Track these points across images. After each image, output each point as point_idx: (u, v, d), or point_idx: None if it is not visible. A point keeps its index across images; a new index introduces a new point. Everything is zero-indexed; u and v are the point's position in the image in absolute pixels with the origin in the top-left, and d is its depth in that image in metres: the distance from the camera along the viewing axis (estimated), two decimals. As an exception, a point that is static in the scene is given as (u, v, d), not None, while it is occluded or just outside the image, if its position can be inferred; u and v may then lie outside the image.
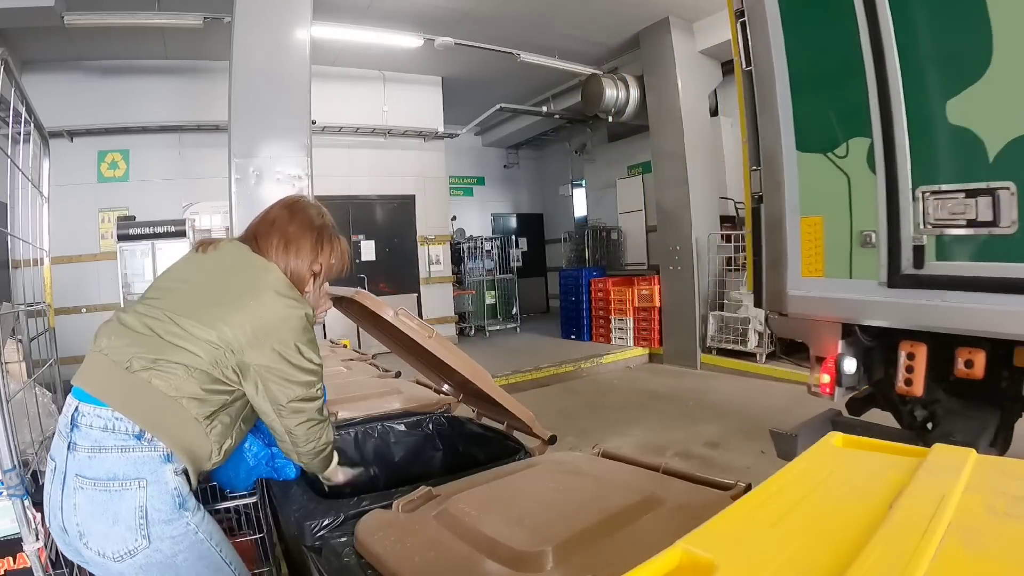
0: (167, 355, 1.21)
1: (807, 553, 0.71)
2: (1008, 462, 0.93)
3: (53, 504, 1.18)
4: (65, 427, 1.19)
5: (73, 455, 1.16)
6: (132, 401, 1.19)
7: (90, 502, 1.14)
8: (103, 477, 1.15)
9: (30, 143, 2.20)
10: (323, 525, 1.42)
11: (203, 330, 1.23)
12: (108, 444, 1.16)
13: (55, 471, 1.19)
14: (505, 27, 6.71)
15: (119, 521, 1.15)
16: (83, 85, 6.67)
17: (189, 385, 1.21)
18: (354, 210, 8.16)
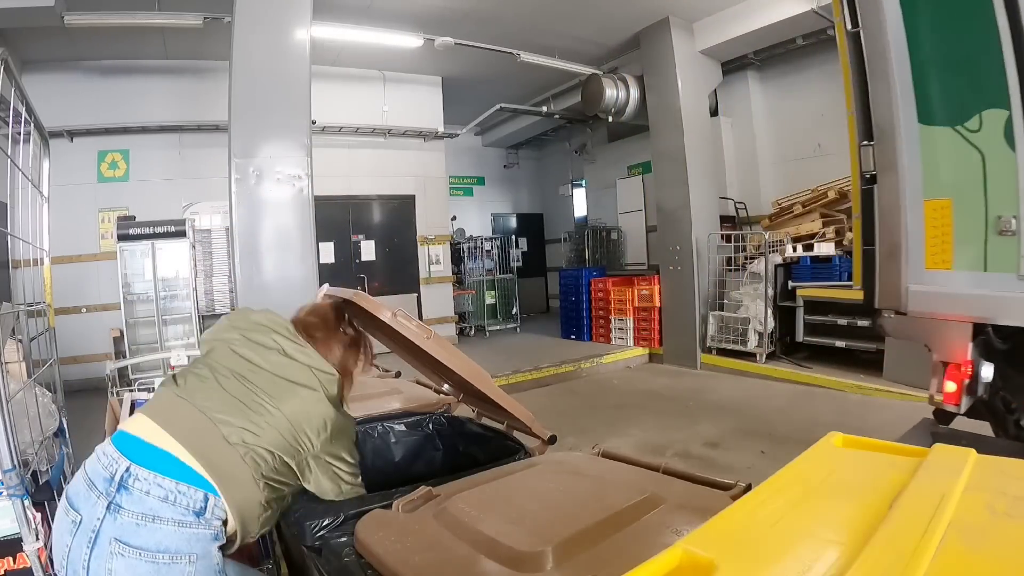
0: (257, 432, 1.24)
1: (807, 553, 0.71)
2: (1008, 462, 0.93)
3: (74, 561, 1.10)
4: (105, 484, 1.13)
5: (114, 517, 1.10)
6: (194, 441, 1.18)
7: (131, 570, 1.09)
8: (152, 548, 1.10)
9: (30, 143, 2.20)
10: (323, 525, 1.42)
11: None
12: (164, 515, 1.12)
13: (79, 525, 1.11)
14: (505, 27, 6.71)
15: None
16: (83, 85, 6.67)
17: (268, 470, 1.24)
18: (354, 210, 8.16)
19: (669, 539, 1.03)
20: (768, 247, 6.13)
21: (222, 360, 1.33)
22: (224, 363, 1.32)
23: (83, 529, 1.11)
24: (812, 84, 7.34)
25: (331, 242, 7.89)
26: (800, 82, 7.47)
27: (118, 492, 1.12)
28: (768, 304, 6.17)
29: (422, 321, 8.42)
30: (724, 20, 6.72)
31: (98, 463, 1.17)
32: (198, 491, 1.15)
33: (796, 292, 6.17)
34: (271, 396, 1.28)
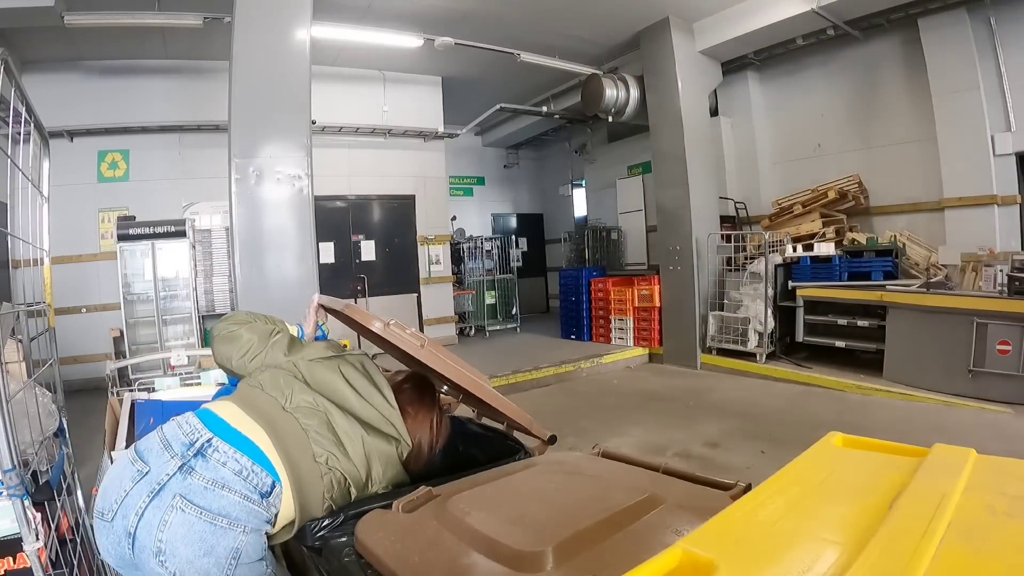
0: (341, 457, 1.38)
1: (807, 553, 0.71)
2: (1008, 462, 0.93)
3: (129, 506, 1.16)
4: (183, 448, 1.21)
5: (184, 477, 1.18)
6: (287, 446, 1.30)
7: (187, 526, 1.15)
8: (214, 511, 1.17)
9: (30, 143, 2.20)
10: (323, 525, 1.42)
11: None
12: (235, 487, 1.21)
13: (144, 475, 1.18)
14: (505, 27, 6.71)
15: (211, 554, 1.16)
16: (83, 85, 6.67)
17: (337, 494, 1.38)
18: (354, 210, 8.16)
19: (669, 539, 1.03)
20: (768, 247, 6.13)
21: (326, 387, 1.46)
22: (328, 391, 1.45)
23: (148, 479, 1.18)
24: (812, 84, 7.35)
25: (331, 242, 7.89)
26: (800, 82, 7.48)
27: (195, 457, 1.21)
28: (768, 304, 6.17)
29: (422, 321, 8.42)
30: (724, 20, 6.72)
31: (179, 429, 1.25)
32: (268, 476, 1.25)
33: (796, 292, 6.18)
34: (366, 430, 1.44)
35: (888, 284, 5.63)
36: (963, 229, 5.85)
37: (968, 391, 4.61)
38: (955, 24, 5.78)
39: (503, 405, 1.78)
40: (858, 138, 6.94)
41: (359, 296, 8.03)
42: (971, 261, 5.58)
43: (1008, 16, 5.57)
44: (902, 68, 6.47)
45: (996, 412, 4.34)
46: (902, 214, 6.55)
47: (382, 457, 1.45)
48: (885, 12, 6.03)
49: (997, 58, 5.66)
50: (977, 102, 5.71)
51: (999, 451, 1.01)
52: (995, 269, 5.02)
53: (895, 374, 5.19)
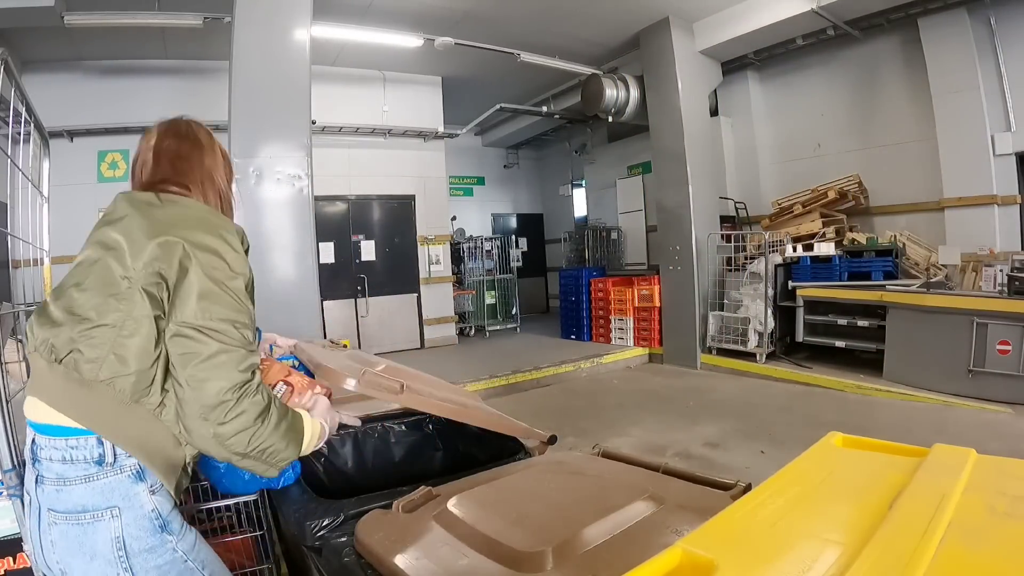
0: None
1: (807, 553, 0.71)
2: (1008, 462, 0.93)
3: (34, 541, 1.09)
4: (30, 459, 1.11)
5: (42, 488, 1.08)
6: (72, 398, 1.09)
7: (65, 537, 1.06)
8: (73, 510, 1.06)
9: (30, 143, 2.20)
10: (323, 525, 1.42)
11: None
12: (70, 475, 1.06)
13: (31, 505, 1.10)
14: (505, 27, 6.71)
15: (96, 556, 1.05)
16: (83, 85, 6.66)
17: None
18: (354, 210, 8.16)
19: (669, 539, 1.03)
20: (768, 247, 6.13)
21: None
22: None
23: (32, 507, 1.10)
24: (812, 84, 7.35)
25: (331, 242, 7.88)
26: (800, 82, 7.48)
27: (35, 464, 1.10)
28: (768, 304, 6.17)
29: (422, 321, 8.43)
30: (724, 20, 6.72)
31: (25, 445, 1.15)
32: (84, 438, 1.07)
33: (796, 292, 6.18)
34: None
35: (888, 284, 5.63)
36: (963, 229, 5.85)
37: (968, 391, 4.61)
38: (955, 24, 5.78)
39: (496, 424, 1.77)
40: (858, 138, 6.94)
41: (359, 296, 8.03)
42: (971, 261, 5.58)
43: (1008, 16, 5.57)
44: (902, 68, 6.47)
45: (996, 412, 4.34)
46: (902, 214, 6.55)
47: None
48: (885, 12, 6.03)
49: (997, 58, 5.66)
50: (977, 102, 5.71)
51: (999, 451, 1.01)
52: (995, 269, 5.02)
53: (895, 374, 5.19)
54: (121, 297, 1.08)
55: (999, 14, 5.60)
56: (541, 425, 1.92)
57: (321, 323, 5.22)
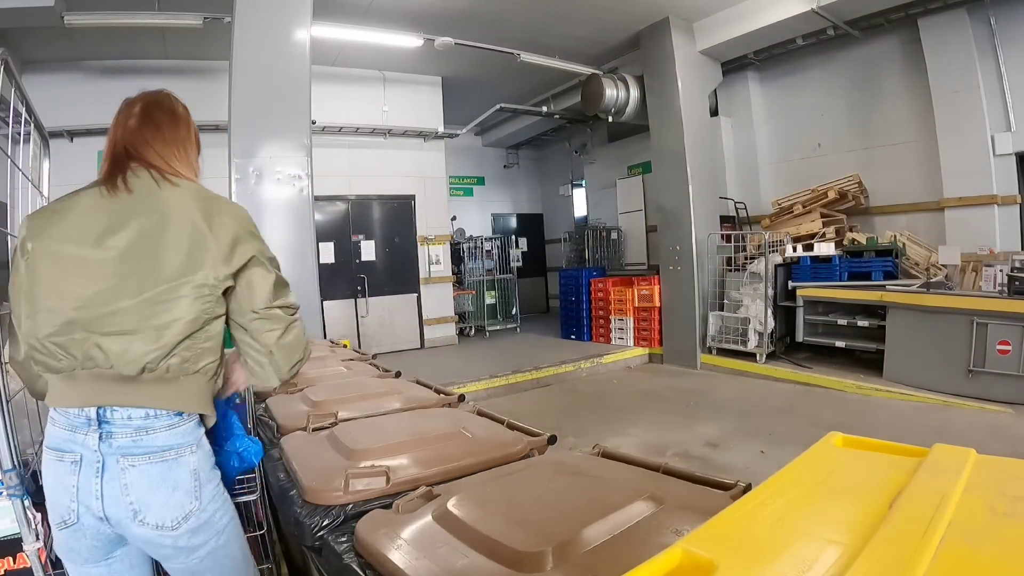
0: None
1: (807, 553, 0.71)
2: (1008, 462, 0.93)
3: (86, 495, 1.16)
4: (84, 424, 1.17)
5: (109, 443, 1.17)
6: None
7: (146, 476, 1.18)
8: (158, 450, 1.19)
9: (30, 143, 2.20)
10: (323, 525, 1.43)
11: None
12: (154, 427, 1.19)
13: (79, 463, 1.16)
14: (505, 27, 6.71)
15: (178, 487, 1.20)
16: (83, 85, 6.66)
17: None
18: (354, 210, 8.16)
19: (669, 539, 1.03)
20: (768, 247, 6.13)
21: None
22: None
23: (85, 463, 1.16)
24: (812, 84, 7.35)
25: (331, 242, 7.88)
26: (800, 82, 7.48)
27: (100, 425, 1.17)
28: (768, 304, 6.17)
29: (422, 321, 8.43)
30: (724, 20, 6.72)
31: (66, 417, 1.19)
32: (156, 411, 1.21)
33: (796, 292, 6.18)
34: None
35: (888, 284, 5.63)
36: (963, 229, 5.85)
37: (968, 391, 4.61)
38: (955, 24, 5.78)
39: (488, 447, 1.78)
40: (858, 138, 6.94)
41: (359, 296, 8.04)
42: (971, 261, 5.58)
43: (1008, 16, 5.57)
44: (902, 68, 6.47)
45: (996, 412, 4.34)
46: (902, 214, 6.55)
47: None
48: (885, 12, 6.03)
49: (997, 58, 5.66)
50: (977, 102, 5.71)
51: (999, 451, 1.01)
52: (995, 269, 5.02)
53: (895, 374, 5.19)
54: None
55: (999, 14, 5.61)
56: (541, 425, 1.92)
57: (321, 323, 5.22)
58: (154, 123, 1.32)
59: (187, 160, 1.35)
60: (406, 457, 1.66)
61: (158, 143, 1.30)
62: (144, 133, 1.30)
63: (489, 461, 1.66)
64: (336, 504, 1.47)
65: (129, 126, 1.30)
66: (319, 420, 2.03)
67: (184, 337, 1.21)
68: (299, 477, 1.61)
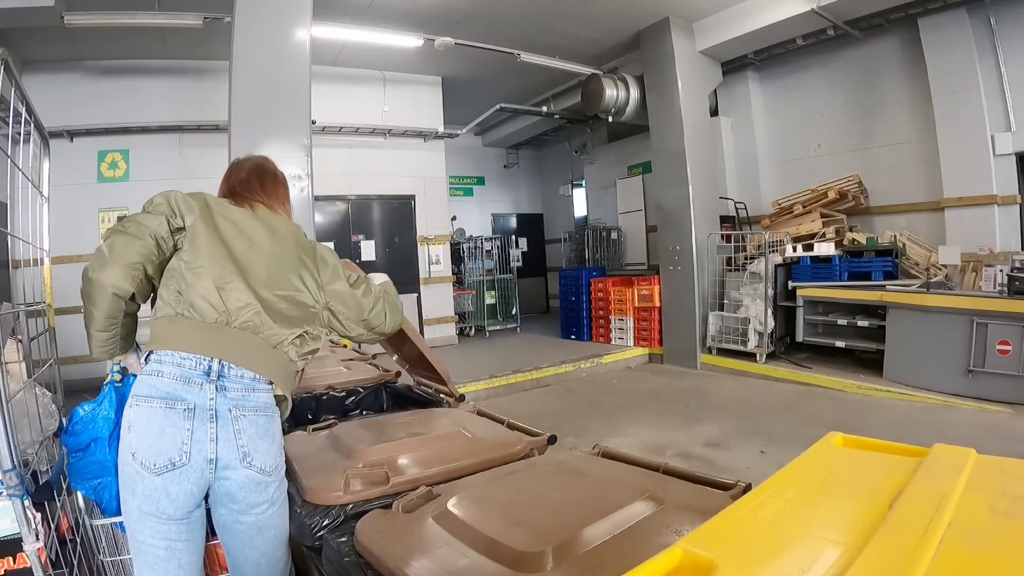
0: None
1: (807, 553, 0.71)
2: (1008, 462, 0.93)
3: (200, 439, 1.33)
4: (202, 376, 1.36)
5: (224, 395, 1.37)
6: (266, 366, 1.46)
7: (255, 425, 1.40)
8: (263, 406, 1.43)
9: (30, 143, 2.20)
10: (323, 525, 1.43)
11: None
12: (258, 387, 1.42)
13: (193, 410, 1.33)
14: (505, 27, 6.71)
15: (275, 439, 1.45)
16: (83, 85, 6.66)
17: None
18: (354, 210, 8.16)
19: (669, 539, 1.03)
20: (768, 247, 6.13)
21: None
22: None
23: (199, 411, 1.34)
24: (812, 84, 7.35)
25: (331, 242, 7.88)
26: (800, 82, 7.48)
27: (219, 379, 1.37)
28: (768, 304, 6.17)
29: (422, 321, 8.42)
30: (724, 20, 6.72)
31: (179, 368, 1.36)
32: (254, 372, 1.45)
33: (796, 292, 6.18)
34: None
35: (888, 284, 5.63)
36: (963, 229, 5.85)
37: (968, 391, 4.61)
38: (955, 24, 5.78)
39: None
40: (858, 138, 6.94)
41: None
42: (971, 261, 5.58)
43: (1008, 16, 5.57)
44: (902, 68, 6.47)
45: (996, 412, 4.34)
46: (902, 214, 6.55)
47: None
48: (885, 12, 6.03)
49: (997, 58, 5.66)
50: (977, 102, 5.71)
51: (999, 451, 1.01)
52: (995, 269, 5.02)
53: (895, 374, 5.19)
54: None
55: (999, 14, 5.60)
56: (541, 425, 1.92)
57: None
58: (260, 179, 1.69)
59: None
60: (406, 457, 1.66)
61: (262, 195, 1.65)
62: (253, 184, 1.66)
63: (489, 461, 1.66)
64: (336, 504, 1.47)
65: (240, 178, 1.68)
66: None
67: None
68: (299, 477, 1.61)
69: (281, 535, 1.50)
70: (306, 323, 1.51)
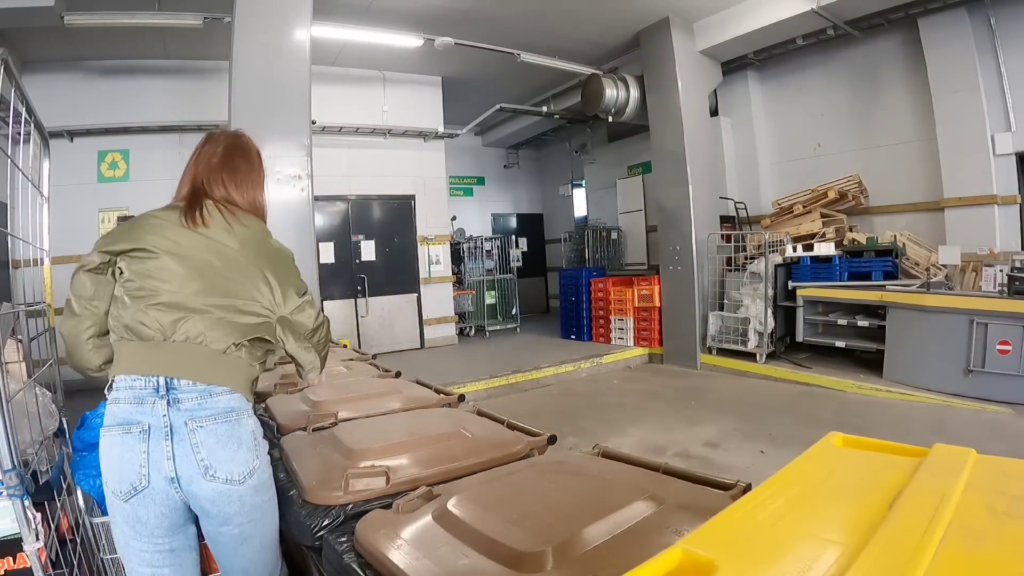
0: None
1: (807, 553, 0.71)
2: (1008, 462, 0.93)
3: (157, 459, 1.31)
4: (151, 394, 1.33)
5: (178, 408, 1.33)
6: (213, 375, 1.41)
7: (213, 435, 1.35)
8: (222, 411, 1.37)
9: (30, 143, 2.20)
10: (323, 525, 1.43)
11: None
12: (216, 392, 1.38)
13: (147, 431, 1.31)
14: (505, 27, 6.71)
15: (241, 444, 1.38)
16: (83, 85, 6.66)
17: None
18: (354, 210, 8.16)
19: (669, 539, 1.03)
20: (768, 247, 6.13)
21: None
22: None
23: (154, 430, 1.32)
24: (812, 84, 7.35)
25: (331, 242, 7.89)
26: (800, 82, 7.48)
27: (168, 393, 1.34)
28: (768, 304, 6.17)
29: (422, 321, 8.43)
30: (724, 20, 6.72)
31: (131, 391, 1.34)
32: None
33: (796, 292, 6.18)
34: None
35: (888, 284, 5.63)
36: (963, 229, 5.85)
37: (968, 391, 4.61)
38: (955, 24, 5.78)
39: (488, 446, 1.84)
40: (858, 138, 6.94)
41: (359, 296, 8.04)
42: (971, 261, 5.58)
43: (1008, 16, 5.57)
44: (902, 68, 6.47)
45: (996, 412, 4.34)
46: (902, 214, 6.55)
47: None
48: (885, 12, 6.03)
49: (997, 58, 5.66)
50: (977, 102, 5.71)
51: (999, 451, 1.01)
52: (995, 269, 5.02)
53: (895, 374, 5.19)
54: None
55: (999, 14, 5.60)
56: (541, 425, 1.92)
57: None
58: (232, 166, 1.65)
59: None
60: (406, 457, 1.66)
61: (231, 186, 1.62)
62: (222, 174, 1.61)
63: (489, 461, 1.66)
64: (336, 504, 1.47)
65: (212, 164, 1.61)
66: (319, 420, 2.03)
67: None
68: (299, 477, 1.61)
69: (267, 541, 1.50)
70: (258, 331, 1.46)
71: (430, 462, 1.63)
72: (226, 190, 1.60)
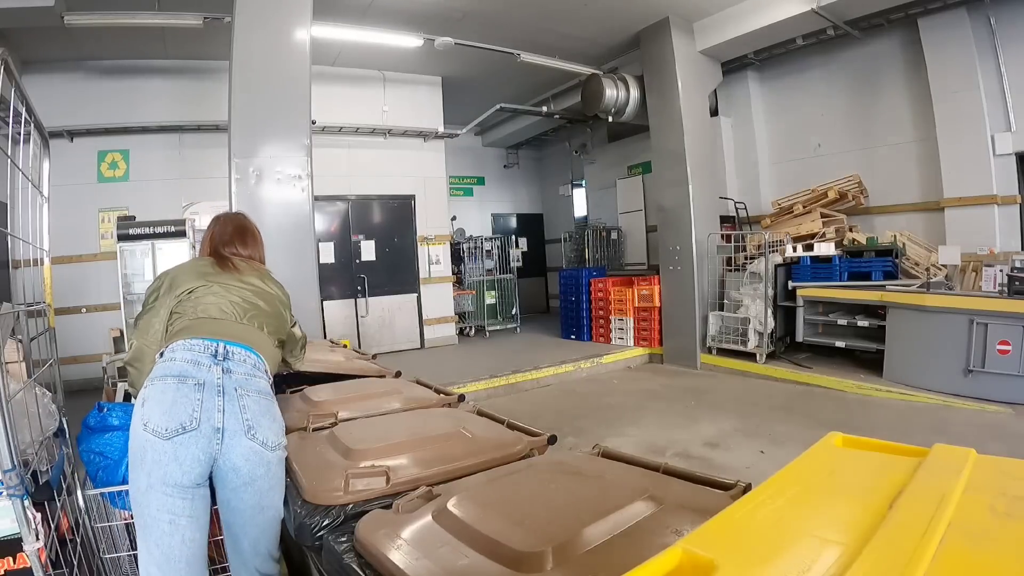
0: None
1: (807, 553, 0.71)
2: (1008, 462, 0.93)
3: (207, 409, 1.52)
4: (210, 359, 1.59)
5: (230, 376, 1.59)
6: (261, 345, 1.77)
7: (258, 404, 1.61)
8: (262, 391, 1.65)
9: (30, 143, 2.20)
10: (323, 525, 1.43)
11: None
12: (257, 374, 1.67)
13: (203, 385, 1.54)
14: (505, 27, 6.71)
15: (276, 420, 1.66)
16: (83, 85, 6.67)
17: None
18: (354, 210, 8.16)
19: (669, 539, 1.03)
20: (768, 247, 6.13)
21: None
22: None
23: (207, 387, 1.54)
24: (812, 84, 7.35)
25: (331, 242, 7.89)
26: (800, 82, 7.48)
27: (224, 361, 1.61)
28: (768, 304, 6.17)
29: (422, 321, 8.43)
30: (724, 20, 6.72)
31: (191, 352, 1.59)
32: (255, 357, 1.72)
33: (796, 292, 6.18)
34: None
35: (888, 284, 5.63)
36: (963, 229, 5.85)
37: (968, 391, 4.61)
38: (955, 24, 5.78)
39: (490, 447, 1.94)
40: (858, 138, 6.94)
41: (359, 296, 8.04)
42: (971, 261, 5.58)
43: (1008, 16, 5.57)
44: (902, 68, 6.47)
45: (996, 412, 4.34)
46: (902, 214, 6.56)
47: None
48: (885, 12, 6.03)
49: (997, 58, 5.66)
50: (977, 102, 5.72)
51: (999, 451, 1.01)
52: (995, 269, 5.02)
53: (895, 374, 5.19)
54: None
55: (999, 14, 5.61)
56: (541, 425, 1.92)
57: (321, 323, 5.22)
58: (242, 240, 2.09)
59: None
60: (406, 457, 1.66)
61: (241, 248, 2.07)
62: (235, 241, 2.07)
63: (489, 461, 1.66)
64: (336, 504, 1.47)
65: (224, 239, 2.05)
66: (319, 420, 2.02)
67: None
68: (299, 477, 1.61)
69: (278, 514, 1.66)
70: (281, 335, 1.92)
71: (430, 462, 1.63)
72: (242, 250, 2.04)
